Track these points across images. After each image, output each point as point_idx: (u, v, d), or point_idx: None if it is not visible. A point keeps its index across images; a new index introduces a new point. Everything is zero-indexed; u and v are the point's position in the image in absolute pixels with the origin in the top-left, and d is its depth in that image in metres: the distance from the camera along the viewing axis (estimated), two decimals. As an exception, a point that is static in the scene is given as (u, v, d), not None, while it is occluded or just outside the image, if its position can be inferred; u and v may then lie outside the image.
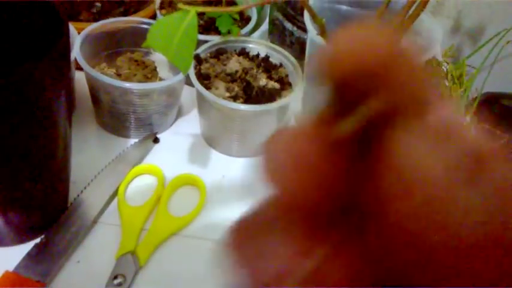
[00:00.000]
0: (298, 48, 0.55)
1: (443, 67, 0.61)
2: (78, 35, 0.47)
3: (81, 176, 0.44)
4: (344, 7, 0.47)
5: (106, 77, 0.44)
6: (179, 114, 0.53)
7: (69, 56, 0.34)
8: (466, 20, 0.76)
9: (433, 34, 0.44)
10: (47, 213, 0.40)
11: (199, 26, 0.52)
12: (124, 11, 0.57)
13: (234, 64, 0.47)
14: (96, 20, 0.53)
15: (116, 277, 0.37)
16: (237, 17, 0.53)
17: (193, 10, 0.27)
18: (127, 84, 0.44)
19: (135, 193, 0.44)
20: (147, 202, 0.43)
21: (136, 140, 0.48)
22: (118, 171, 0.45)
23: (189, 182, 0.46)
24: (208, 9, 0.34)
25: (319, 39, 0.40)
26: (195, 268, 0.40)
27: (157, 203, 0.43)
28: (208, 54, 0.49)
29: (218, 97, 0.44)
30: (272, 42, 0.61)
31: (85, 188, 0.43)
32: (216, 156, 0.50)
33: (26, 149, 0.33)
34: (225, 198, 0.46)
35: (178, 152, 0.49)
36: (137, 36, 0.52)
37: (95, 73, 0.44)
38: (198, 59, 0.47)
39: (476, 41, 0.76)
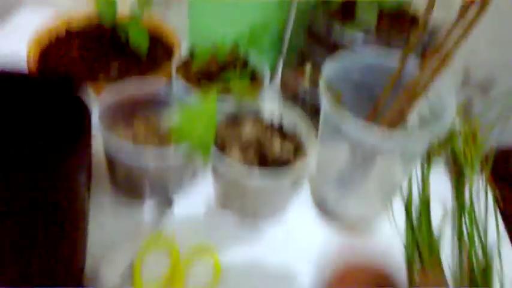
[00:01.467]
0: (311, 108, 0.56)
1: (455, 125, 0.61)
2: (98, 105, 0.48)
3: (95, 243, 0.44)
4: (355, 75, 0.47)
5: (124, 145, 0.44)
6: (195, 175, 0.53)
7: (90, 145, 0.35)
8: (475, 73, 0.76)
9: (445, 101, 0.44)
10: (63, 286, 0.39)
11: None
12: (140, 70, 0.58)
13: (249, 131, 0.48)
14: (113, 80, 0.55)
15: None
16: (248, 77, 0.54)
17: (212, 102, 0.28)
18: (144, 151, 0.44)
19: (150, 269, 0.44)
20: (163, 279, 0.42)
21: (152, 204, 0.49)
22: (133, 243, 0.44)
23: (203, 251, 0.46)
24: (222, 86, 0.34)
25: (333, 114, 0.40)
26: None
27: (174, 277, 0.43)
28: (224, 119, 0.49)
29: (233, 162, 0.44)
30: (284, 97, 0.62)
31: (102, 261, 0.42)
32: (229, 219, 0.50)
33: (46, 225, 0.33)
34: (240, 264, 0.45)
35: (193, 216, 0.49)
36: (154, 102, 0.52)
37: (114, 140, 0.45)
38: (214, 126, 0.48)
39: (487, 93, 0.77)
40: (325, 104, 0.42)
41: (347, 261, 0.44)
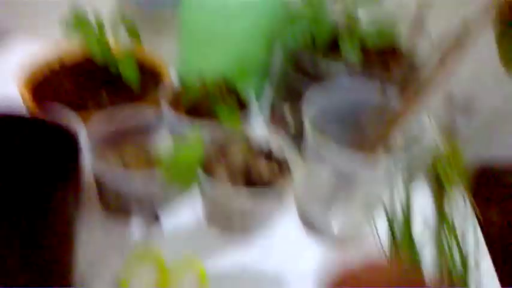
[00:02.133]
0: (297, 128, 0.58)
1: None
2: (87, 138, 0.49)
3: (83, 259, 0.44)
4: (339, 105, 0.50)
5: (114, 170, 0.46)
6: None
7: (82, 177, 0.36)
8: (457, 93, 0.79)
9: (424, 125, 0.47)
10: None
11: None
12: (131, 99, 0.60)
13: (236, 156, 0.50)
14: (102, 106, 0.57)
15: None
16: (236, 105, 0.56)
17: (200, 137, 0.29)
18: (133, 175, 0.46)
19: (136, 284, 0.45)
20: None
21: (138, 220, 0.50)
22: (120, 258, 0.46)
23: (190, 266, 0.47)
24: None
25: (316, 143, 0.42)
26: None
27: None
28: (210, 144, 0.51)
29: (220, 185, 0.46)
30: (271, 122, 0.64)
31: (87, 275, 0.43)
32: (216, 235, 0.51)
33: (37, 249, 0.35)
34: (226, 277, 0.46)
35: (179, 232, 0.51)
36: (143, 130, 0.55)
37: (102, 165, 0.46)
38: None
39: (468, 111, 0.79)
40: (309, 136, 0.45)
41: (345, 263, 0.45)
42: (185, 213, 0.53)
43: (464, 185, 0.59)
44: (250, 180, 0.48)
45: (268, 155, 0.51)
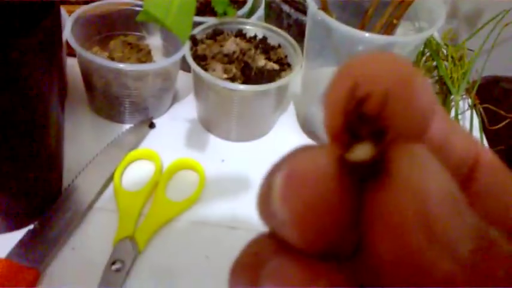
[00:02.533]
0: (296, 31, 0.54)
1: (443, 49, 0.60)
2: (69, 17, 0.45)
3: (76, 163, 0.42)
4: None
5: (99, 59, 0.43)
6: (175, 99, 0.52)
7: (59, 34, 0.33)
8: (463, 4, 0.75)
9: (434, 15, 0.43)
10: (40, 199, 0.38)
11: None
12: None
13: (231, 45, 0.46)
14: (87, 2, 0.52)
15: (114, 262, 0.36)
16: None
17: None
18: (121, 65, 0.42)
19: (131, 178, 0.43)
20: (144, 187, 0.41)
21: (132, 126, 0.47)
22: (113, 157, 0.43)
23: (187, 166, 0.45)
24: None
25: (321, 14, 0.39)
26: (195, 252, 0.38)
27: (155, 188, 0.42)
28: (205, 36, 0.47)
29: (216, 76, 0.42)
30: (269, 17, 0.60)
31: (79, 173, 0.41)
32: (214, 140, 0.48)
33: (16, 132, 0.32)
34: (225, 182, 0.44)
35: (176, 137, 0.48)
36: (131, 19, 0.50)
37: (88, 55, 0.43)
38: (194, 40, 0.46)
39: (474, 25, 0.76)
40: (313, 7, 0.40)
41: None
42: (181, 121, 0.50)
43: (471, 91, 0.57)
44: (248, 76, 0.45)
45: (267, 50, 0.47)
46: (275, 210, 0.10)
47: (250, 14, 0.55)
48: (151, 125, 0.48)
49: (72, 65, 0.49)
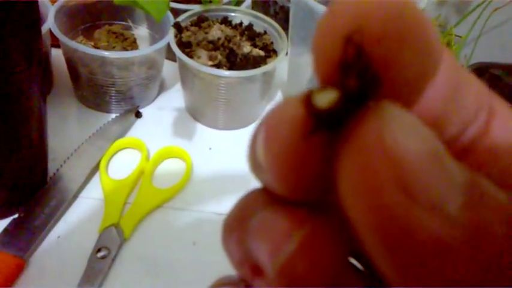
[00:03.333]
0: (282, 18, 0.54)
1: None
2: (53, 6, 0.45)
3: (62, 152, 0.42)
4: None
5: (83, 47, 0.42)
6: (162, 89, 0.52)
7: (36, 20, 0.32)
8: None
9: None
10: (25, 188, 0.38)
11: (179, -5, 0.50)
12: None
13: (216, 32, 0.46)
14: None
15: (99, 250, 0.35)
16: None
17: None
18: (105, 53, 0.42)
19: (117, 167, 0.43)
20: (130, 175, 0.41)
21: (118, 115, 0.47)
22: (99, 146, 0.43)
23: (174, 154, 0.44)
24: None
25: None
26: (181, 239, 0.38)
27: (141, 175, 0.42)
28: (189, 23, 0.47)
29: (200, 65, 0.42)
30: (255, 6, 0.59)
31: (64, 162, 0.41)
32: (201, 129, 0.48)
33: None
34: (212, 170, 0.44)
35: (162, 126, 0.48)
36: (116, 9, 0.50)
37: (72, 43, 0.42)
38: (179, 28, 0.45)
39: (463, 12, 0.75)
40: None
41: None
42: (168, 110, 0.49)
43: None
44: (233, 63, 0.45)
45: (252, 37, 0.47)
46: (259, 161, 0.10)
47: (237, 3, 0.55)
48: (138, 114, 0.48)
49: (57, 56, 0.49)
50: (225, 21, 0.48)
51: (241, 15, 0.49)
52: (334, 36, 0.08)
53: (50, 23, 0.43)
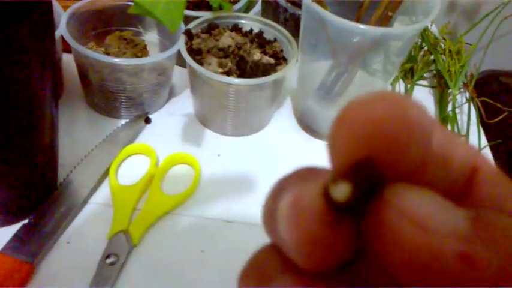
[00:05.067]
0: (292, 25, 0.54)
1: (440, 43, 0.60)
2: (64, 12, 0.45)
3: (71, 158, 0.42)
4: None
5: (94, 53, 0.42)
6: (171, 95, 0.52)
7: (51, 26, 0.33)
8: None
9: (431, 8, 0.43)
10: (35, 194, 0.38)
11: (189, 2, 0.50)
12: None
13: (227, 39, 0.46)
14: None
15: (108, 256, 0.36)
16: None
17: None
18: (116, 60, 0.42)
19: (127, 173, 0.43)
20: (139, 181, 0.41)
21: (127, 121, 0.47)
22: (108, 151, 0.43)
23: (183, 161, 0.44)
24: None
25: (315, 7, 0.38)
26: (190, 246, 0.38)
27: (151, 182, 0.42)
28: (200, 30, 0.47)
29: (211, 70, 0.42)
30: (265, 13, 0.59)
31: (74, 168, 0.41)
32: (210, 135, 0.48)
33: (9, 127, 0.32)
34: (220, 177, 0.44)
35: (172, 132, 0.48)
36: (126, 15, 0.50)
37: (83, 49, 0.42)
38: (189, 35, 0.46)
39: (472, 19, 0.75)
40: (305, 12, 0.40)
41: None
42: (177, 116, 0.49)
43: (469, 85, 0.57)
44: (243, 70, 0.45)
45: (263, 45, 0.47)
46: (281, 236, 0.10)
47: (247, 9, 0.55)
48: (147, 120, 0.48)
49: (68, 61, 0.49)
50: (236, 28, 0.48)
51: (252, 22, 0.49)
52: (349, 146, 0.10)
53: (61, 29, 0.43)
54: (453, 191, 0.11)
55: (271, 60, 0.46)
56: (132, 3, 0.50)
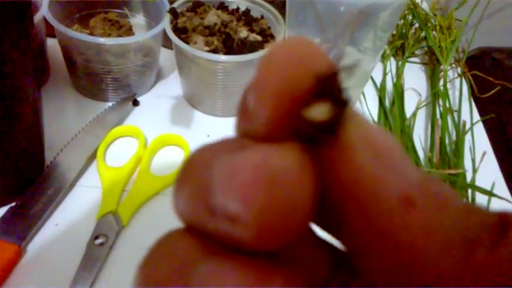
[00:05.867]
0: (280, 2, 0.53)
1: (431, 19, 0.59)
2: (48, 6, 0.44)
3: (59, 141, 0.42)
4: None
5: (78, 34, 0.42)
6: (159, 77, 0.51)
7: (28, 4, 0.32)
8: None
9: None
10: (22, 176, 0.38)
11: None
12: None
13: (213, 17, 0.45)
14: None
15: (97, 237, 0.35)
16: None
17: None
18: (100, 40, 0.42)
19: (115, 154, 0.42)
20: (127, 163, 0.41)
21: (114, 103, 0.46)
22: (96, 134, 0.43)
23: (172, 142, 0.44)
24: None
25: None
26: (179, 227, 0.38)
27: (139, 163, 0.41)
28: (185, 8, 0.46)
29: (197, 50, 0.41)
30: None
31: (61, 150, 0.41)
32: (199, 116, 0.48)
33: None
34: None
35: (160, 114, 0.47)
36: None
37: (67, 30, 0.42)
38: (174, 13, 0.45)
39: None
40: None
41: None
42: (165, 98, 0.49)
43: (460, 60, 0.56)
44: (230, 48, 0.44)
45: (250, 22, 0.46)
46: (223, 209, 0.09)
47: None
48: (135, 102, 0.48)
49: (53, 46, 0.48)
50: (222, 6, 0.47)
51: (238, 0, 0.48)
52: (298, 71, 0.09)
53: (44, 11, 0.43)
54: None
55: (259, 38, 0.46)
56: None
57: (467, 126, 0.48)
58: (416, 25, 0.59)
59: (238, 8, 0.48)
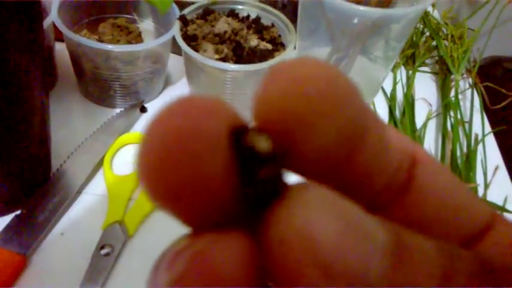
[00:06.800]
0: (291, 10, 0.52)
1: (443, 28, 0.59)
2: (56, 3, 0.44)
3: (65, 148, 0.41)
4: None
5: (87, 40, 0.41)
6: (167, 83, 0.51)
7: (38, 10, 0.32)
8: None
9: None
10: (27, 184, 0.37)
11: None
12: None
13: (223, 25, 0.45)
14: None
15: (103, 247, 0.35)
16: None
17: None
18: (109, 46, 0.41)
19: (122, 163, 0.42)
20: (134, 173, 0.40)
21: (122, 110, 0.46)
22: (103, 141, 0.42)
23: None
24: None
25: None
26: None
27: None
28: (195, 16, 0.46)
29: (207, 56, 0.41)
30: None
31: (68, 158, 0.40)
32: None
33: None
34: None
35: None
36: (121, 2, 0.49)
37: (75, 37, 0.41)
38: (184, 21, 0.44)
39: (476, 4, 0.73)
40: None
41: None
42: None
43: (472, 70, 0.55)
44: (240, 56, 0.44)
45: (260, 30, 0.46)
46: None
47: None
48: (143, 109, 0.47)
49: (61, 50, 0.48)
50: (232, 14, 0.47)
51: (249, 8, 0.48)
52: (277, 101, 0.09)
53: (53, 17, 0.42)
54: (394, 184, 0.10)
55: (269, 46, 0.45)
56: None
57: (479, 138, 0.47)
58: (427, 34, 0.59)
59: (248, 16, 0.47)
